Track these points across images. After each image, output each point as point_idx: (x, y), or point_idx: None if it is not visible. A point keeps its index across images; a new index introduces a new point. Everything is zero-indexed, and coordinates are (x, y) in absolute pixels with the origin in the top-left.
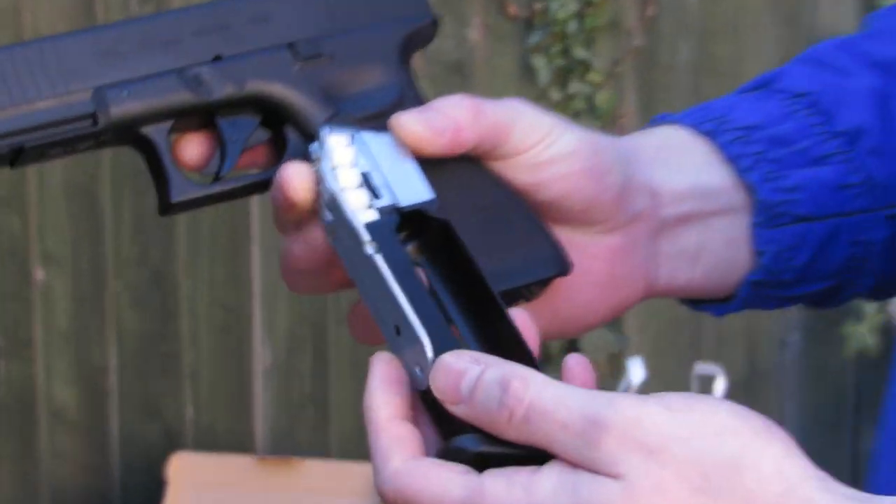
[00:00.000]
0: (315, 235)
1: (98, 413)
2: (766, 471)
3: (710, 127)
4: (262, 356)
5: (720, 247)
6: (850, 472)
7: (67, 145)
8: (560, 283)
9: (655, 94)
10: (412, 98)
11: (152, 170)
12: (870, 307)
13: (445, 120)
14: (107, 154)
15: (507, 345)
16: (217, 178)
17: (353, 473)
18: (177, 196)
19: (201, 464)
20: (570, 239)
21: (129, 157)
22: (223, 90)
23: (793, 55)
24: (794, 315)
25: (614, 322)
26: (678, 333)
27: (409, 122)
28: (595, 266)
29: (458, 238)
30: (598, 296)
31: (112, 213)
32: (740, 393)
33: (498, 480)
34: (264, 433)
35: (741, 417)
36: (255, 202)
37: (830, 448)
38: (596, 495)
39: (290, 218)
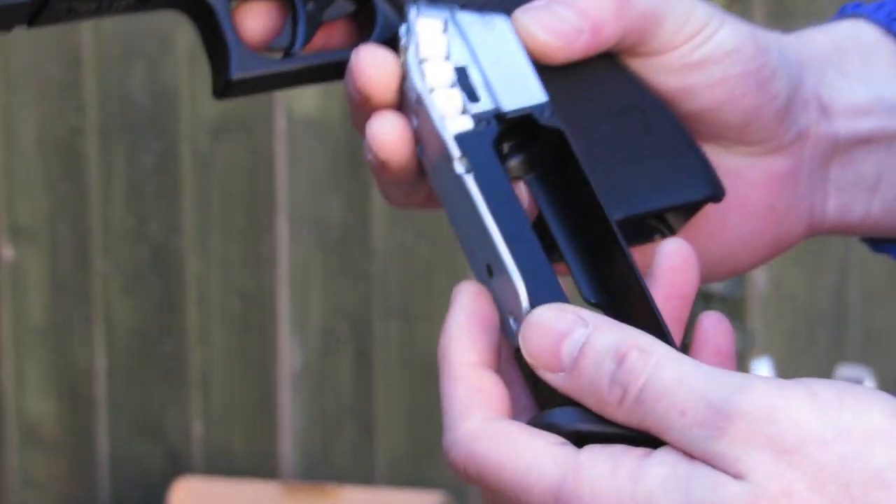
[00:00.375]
0: (381, 124)
1: (82, 430)
2: None
3: None
4: (289, 357)
5: None
6: None
7: (93, 4)
8: (709, 216)
9: None
10: None
11: (207, 41)
12: None
13: (581, 19)
14: (92, 99)
15: (628, 300)
16: (288, 53)
17: (402, 503)
18: (238, 71)
19: (213, 492)
20: (721, 161)
21: (121, 102)
22: None
23: None
24: None
25: (735, 314)
26: (817, 329)
27: (532, 25)
28: (751, 195)
29: (575, 156)
30: (753, 232)
31: (100, 175)
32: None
33: (599, 461)
34: (293, 454)
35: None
36: (283, 159)
37: None
38: (712, 494)
39: (365, 115)
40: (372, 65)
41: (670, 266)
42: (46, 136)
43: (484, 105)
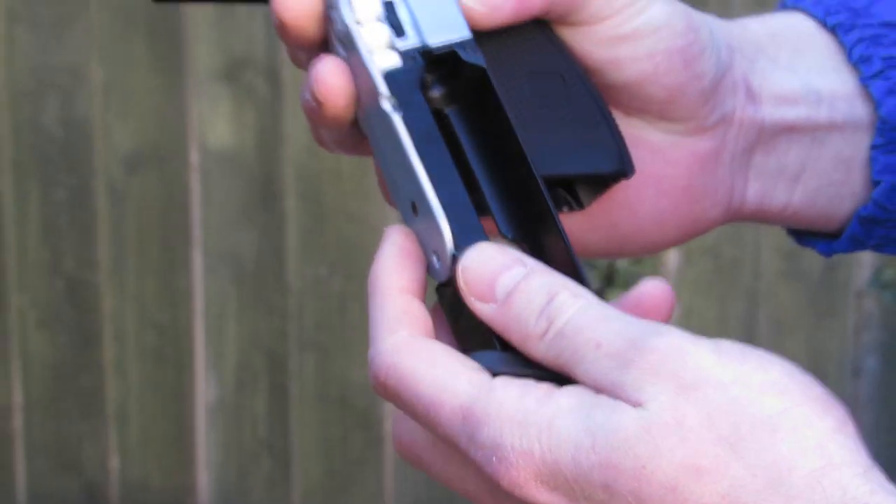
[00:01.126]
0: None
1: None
2: (805, 442)
3: (841, 19)
4: (205, 391)
5: (829, 167)
6: None
7: None
8: (625, 188)
9: None
10: None
11: None
12: None
13: None
14: (6, 132)
15: (545, 238)
16: None
17: None
18: None
19: None
20: (642, 137)
21: (37, 136)
22: None
23: None
24: (869, 335)
25: None
26: None
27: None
28: (669, 173)
29: (497, 94)
30: (668, 210)
31: (15, 209)
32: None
33: (511, 387)
34: (210, 488)
35: (797, 380)
36: (197, 192)
37: None
38: (609, 421)
39: (291, 46)
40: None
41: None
42: None
43: (411, 41)
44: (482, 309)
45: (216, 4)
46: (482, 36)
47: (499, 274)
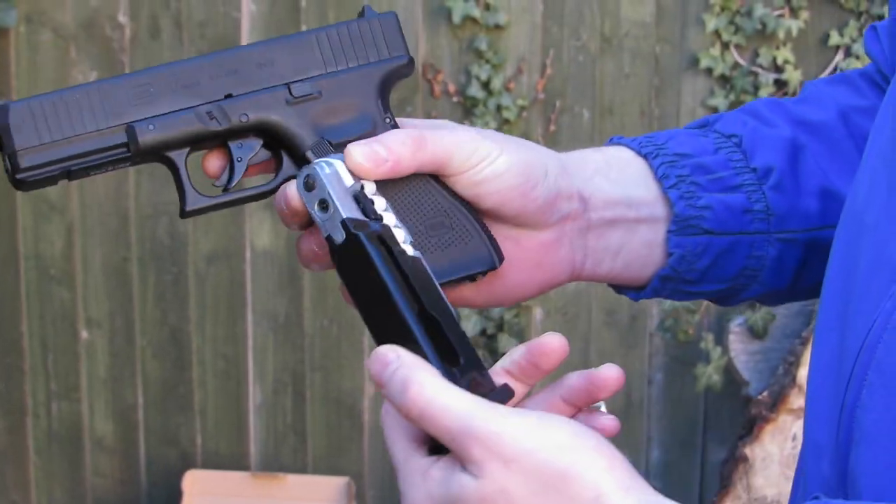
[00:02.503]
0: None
1: (129, 441)
2: (586, 481)
3: (649, 150)
4: (254, 396)
5: (639, 246)
6: (700, 477)
7: (108, 166)
8: (497, 270)
9: None
10: (384, 126)
11: (175, 181)
12: (715, 353)
13: (388, 153)
14: (135, 239)
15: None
16: (225, 189)
17: (326, 485)
18: (190, 206)
19: (209, 479)
20: (506, 233)
21: (153, 243)
22: (230, 122)
23: None
24: (657, 359)
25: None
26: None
27: (356, 154)
28: (526, 255)
29: (370, 257)
30: (528, 277)
31: (140, 286)
32: (618, 419)
33: (422, 461)
34: (256, 455)
35: (579, 436)
36: (249, 276)
37: (686, 460)
38: (458, 488)
39: (294, 220)
40: (294, 195)
41: (546, 351)
42: (108, 264)
43: (334, 214)
44: (382, 391)
45: None
46: (392, 190)
47: (383, 368)
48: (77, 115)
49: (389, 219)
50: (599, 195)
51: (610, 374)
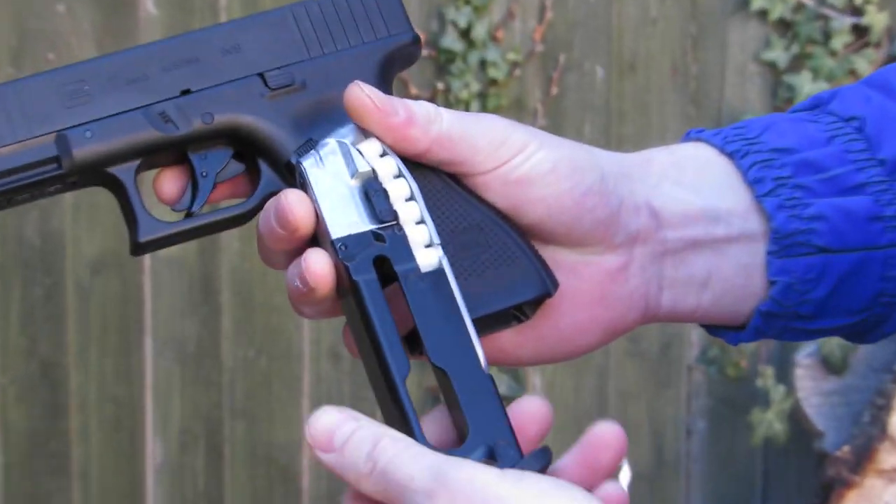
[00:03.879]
0: (315, 259)
1: None
2: None
3: (737, 147)
4: (153, 453)
5: (731, 274)
6: None
7: (35, 189)
8: (546, 305)
9: None
10: None
11: (122, 207)
12: (776, 393)
13: (402, 106)
14: None
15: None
16: (189, 214)
17: None
18: (144, 235)
19: None
20: (557, 258)
21: (16, 243)
22: (191, 126)
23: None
24: (699, 402)
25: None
26: (582, 423)
27: (366, 90)
28: (584, 288)
29: (363, 302)
30: (589, 318)
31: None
32: (646, 484)
33: None
34: None
35: (562, 491)
36: (148, 290)
37: None
38: None
39: (288, 246)
40: (300, 202)
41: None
42: None
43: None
44: (325, 458)
45: None
46: None
47: (336, 429)
48: None
49: (411, 211)
50: (674, 207)
51: (602, 436)
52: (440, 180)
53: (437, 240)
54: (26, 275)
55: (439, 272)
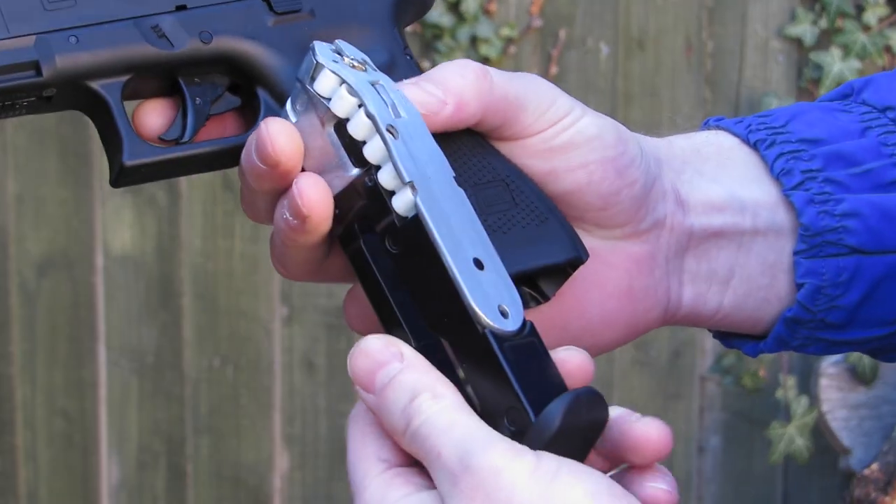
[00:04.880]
0: (310, 182)
1: None
2: None
3: (762, 136)
4: (109, 472)
5: (756, 273)
6: None
7: (7, 98)
8: (572, 291)
9: None
10: (406, 64)
11: (103, 132)
12: (798, 405)
13: (447, 92)
14: None
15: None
16: (179, 143)
17: None
18: (130, 158)
19: None
20: (584, 243)
21: None
22: (186, 44)
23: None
24: (713, 416)
25: None
26: None
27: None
28: (611, 276)
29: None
30: (615, 311)
31: None
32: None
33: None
34: None
35: (596, 498)
36: (101, 292)
37: None
38: None
39: (270, 185)
40: (281, 132)
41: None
42: None
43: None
44: (366, 398)
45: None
46: None
47: (378, 369)
48: None
49: (376, 150)
50: (698, 195)
51: (648, 433)
52: (470, 140)
53: (407, 177)
54: None
55: (415, 221)
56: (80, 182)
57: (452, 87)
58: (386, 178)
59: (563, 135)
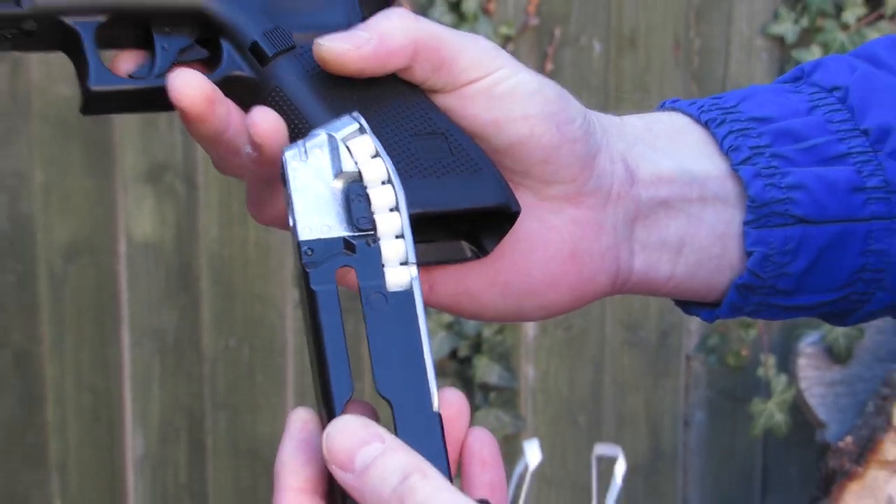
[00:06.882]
0: (262, 116)
1: None
2: None
3: (713, 115)
4: (133, 445)
5: (707, 242)
6: None
7: None
8: (513, 251)
9: None
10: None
11: (77, 65)
12: (778, 383)
13: (370, 32)
14: None
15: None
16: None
17: None
18: (97, 84)
19: None
20: (527, 204)
21: None
22: None
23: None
24: (698, 393)
25: (509, 402)
26: (577, 415)
27: (335, 40)
28: (555, 238)
29: (315, 306)
30: (558, 273)
31: None
32: (642, 477)
33: None
34: None
35: None
36: (124, 278)
37: None
38: None
39: (204, 132)
40: (185, 80)
41: (448, 416)
42: None
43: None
44: (342, 476)
45: (141, 114)
46: (369, 106)
47: (359, 447)
48: None
49: (392, 223)
50: (647, 167)
51: (474, 440)
52: (413, 91)
53: (412, 259)
54: None
55: (407, 294)
56: (103, 173)
57: (376, 25)
58: (389, 250)
59: (503, 84)
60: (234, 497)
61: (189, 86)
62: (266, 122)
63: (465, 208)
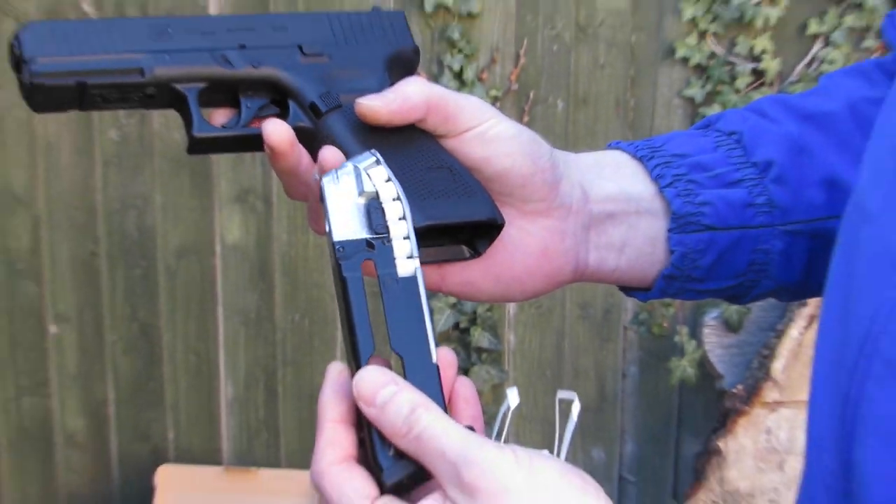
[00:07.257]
0: (272, 127)
1: (101, 437)
2: None
3: (645, 153)
4: (225, 391)
5: (642, 242)
6: (674, 470)
7: (121, 91)
8: (501, 252)
9: None
10: None
11: (184, 119)
12: (689, 346)
13: (396, 92)
14: (103, 233)
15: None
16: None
17: (298, 480)
18: (198, 132)
19: (182, 474)
20: (511, 218)
21: (120, 236)
22: (243, 66)
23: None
24: (631, 354)
25: (496, 361)
26: (544, 369)
27: (368, 97)
28: (531, 241)
29: (345, 287)
30: (535, 266)
31: (108, 281)
32: (591, 415)
33: (391, 500)
34: (229, 449)
35: (565, 476)
36: (219, 272)
37: (660, 454)
38: None
39: (283, 167)
40: (273, 127)
41: (441, 367)
42: (76, 259)
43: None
44: (367, 410)
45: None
46: (393, 150)
47: (379, 389)
48: (95, 39)
49: (400, 229)
50: (598, 189)
51: (460, 386)
52: (427, 137)
53: (416, 253)
54: (128, 260)
55: (412, 279)
56: (204, 195)
57: (400, 88)
58: (399, 248)
59: (492, 130)
60: (298, 429)
61: (278, 131)
62: (333, 157)
63: (464, 221)
